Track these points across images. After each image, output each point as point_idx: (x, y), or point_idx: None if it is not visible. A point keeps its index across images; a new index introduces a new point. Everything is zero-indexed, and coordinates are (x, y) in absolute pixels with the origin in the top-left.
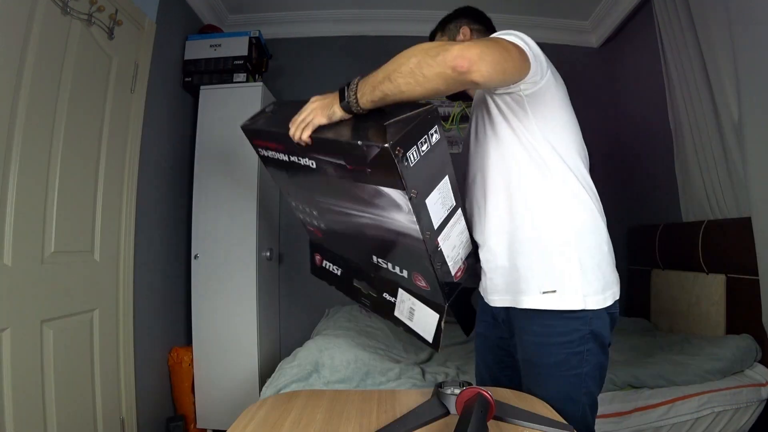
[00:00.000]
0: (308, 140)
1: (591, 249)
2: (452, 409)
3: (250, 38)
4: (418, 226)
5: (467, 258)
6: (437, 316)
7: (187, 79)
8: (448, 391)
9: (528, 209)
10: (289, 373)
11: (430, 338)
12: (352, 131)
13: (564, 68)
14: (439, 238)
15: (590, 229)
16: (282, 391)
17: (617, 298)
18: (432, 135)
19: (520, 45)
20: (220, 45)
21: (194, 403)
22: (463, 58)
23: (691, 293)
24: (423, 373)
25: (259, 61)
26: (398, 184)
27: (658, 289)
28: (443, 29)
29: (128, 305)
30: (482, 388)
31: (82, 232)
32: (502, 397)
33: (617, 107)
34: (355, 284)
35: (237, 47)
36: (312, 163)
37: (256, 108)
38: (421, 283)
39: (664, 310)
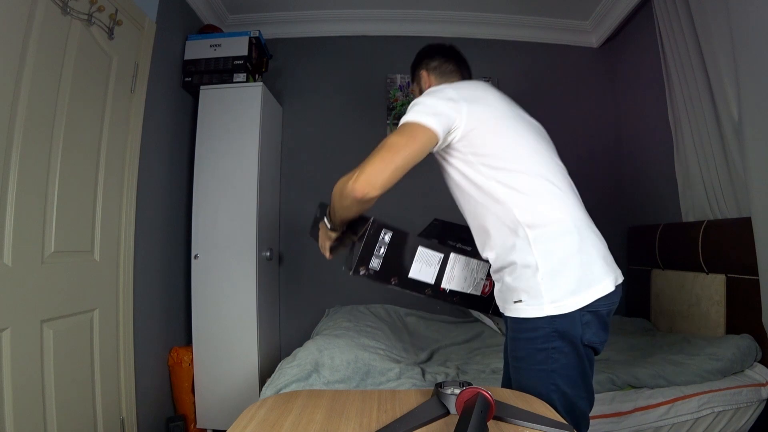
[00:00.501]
0: (330, 257)
1: (550, 260)
2: (452, 409)
3: (250, 38)
4: (416, 294)
5: (488, 277)
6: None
7: (187, 79)
8: (448, 391)
9: (490, 237)
10: (289, 373)
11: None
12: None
13: (564, 68)
14: (442, 286)
15: (548, 241)
16: (282, 391)
17: (591, 300)
18: (383, 238)
19: (415, 122)
20: (220, 45)
21: (194, 403)
22: (357, 189)
23: (691, 293)
24: (423, 373)
25: (259, 61)
26: (383, 282)
27: (658, 289)
28: (413, 78)
29: (128, 305)
30: (482, 388)
31: (82, 232)
32: (502, 397)
33: (617, 107)
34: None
35: (237, 47)
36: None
37: (256, 108)
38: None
39: (664, 310)
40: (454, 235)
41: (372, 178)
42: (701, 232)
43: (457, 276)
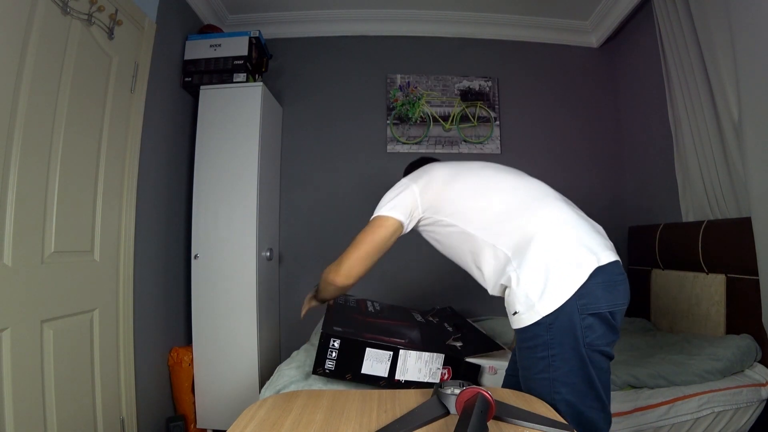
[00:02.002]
0: (303, 317)
1: (531, 270)
2: (452, 409)
3: (250, 38)
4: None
5: (446, 365)
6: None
7: (187, 79)
8: (448, 391)
9: (482, 273)
10: (288, 374)
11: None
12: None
13: (564, 68)
14: (397, 377)
15: (525, 257)
16: (282, 392)
17: (576, 287)
18: (333, 344)
19: (379, 216)
20: (220, 45)
21: (194, 403)
22: (337, 281)
23: (691, 293)
24: None
25: (259, 61)
26: (339, 378)
27: (658, 289)
28: None
29: (128, 305)
30: (482, 388)
31: (82, 232)
32: (502, 397)
33: (617, 107)
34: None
35: (237, 47)
36: None
37: (256, 108)
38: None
39: (664, 310)
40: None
41: (348, 271)
42: (701, 232)
43: (410, 368)
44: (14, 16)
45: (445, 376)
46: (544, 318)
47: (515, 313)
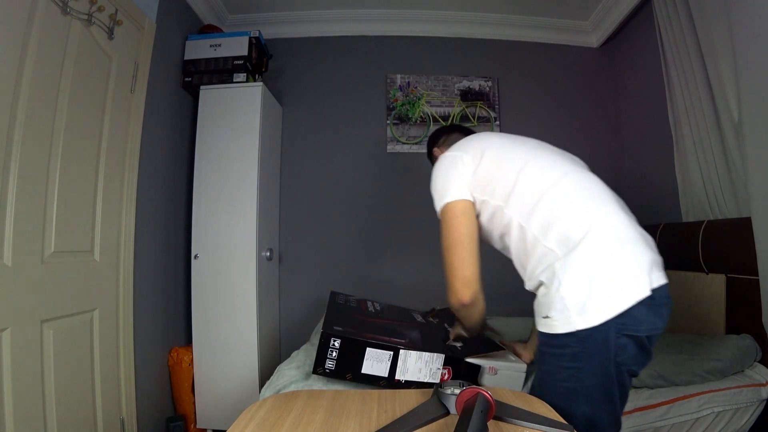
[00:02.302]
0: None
1: (575, 274)
2: (452, 409)
3: (250, 38)
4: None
5: (446, 365)
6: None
7: (187, 79)
8: (448, 391)
9: (524, 267)
10: (288, 374)
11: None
12: None
13: (564, 68)
14: (397, 377)
15: (572, 258)
16: (282, 392)
17: (624, 308)
18: (334, 344)
19: (446, 203)
20: (220, 45)
21: (194, 403)
22: (462, 299)
23: (691, 293)
24: None
25: (259, 61)
26: (339, 378)
27: None
28: (430, 161)
29: (128, 305)
30: (482, 388)
31: (82, 232)
32: (502, 397)
33: (617, 107)
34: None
35: (237, 47)
36: None
37: (256, 108)
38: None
39: None
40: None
41: (463, 281)
42: (701, 232)
43: (411, 368)
44: (14, 16)
45: (446, 377)
46: (578, 331)
47: (546, 317)
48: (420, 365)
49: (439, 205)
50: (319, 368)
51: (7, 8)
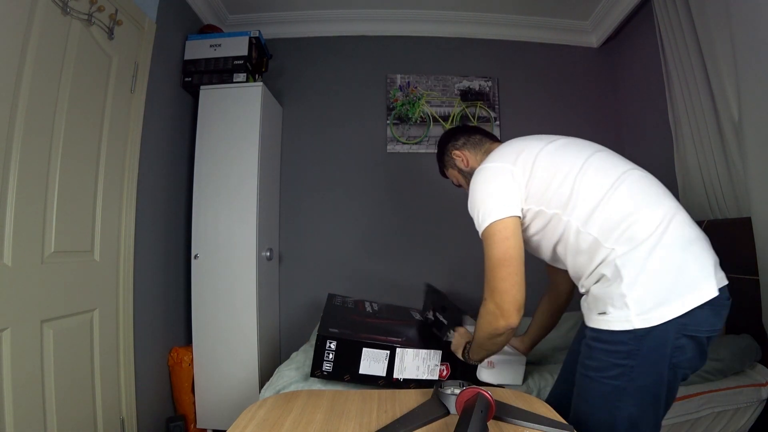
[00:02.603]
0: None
1: (637, 271)
2: (452, 409)
3: (250, 38)
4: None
5: (444, 361)
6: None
7: (187, 79)
8: (448, 391)
9: (581, 268)
10: (287, 375)
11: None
12: None
13: (564, 68)
14: (395, 376)
15: (634, 256)
16: (282, 392)
17: (686, 309)
18: (330, 346)
19: (494, 222)
20: (220, 45)
21: (194, 403)
22: (510, 323)
23: None
24: None
25: (259, 61)
26: (337, 380)
27: None
28: (443, 164)
29: (128, 305)
30: (482, 388)
31: (82, 232)
32: (502, 397)
33: (617, 107)
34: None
35: (237, 47)
36: None
37: (256, 108)
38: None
39: None
40: (438, 304)
41: (513, 305)
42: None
43: (408, 366)
44: (14, 16)
45: (444, 373)
46: (637, 329)
47: (602, 313)
48: (417, 363)
49: (484, 222)
50: (316, 371)
51: (7, 8)
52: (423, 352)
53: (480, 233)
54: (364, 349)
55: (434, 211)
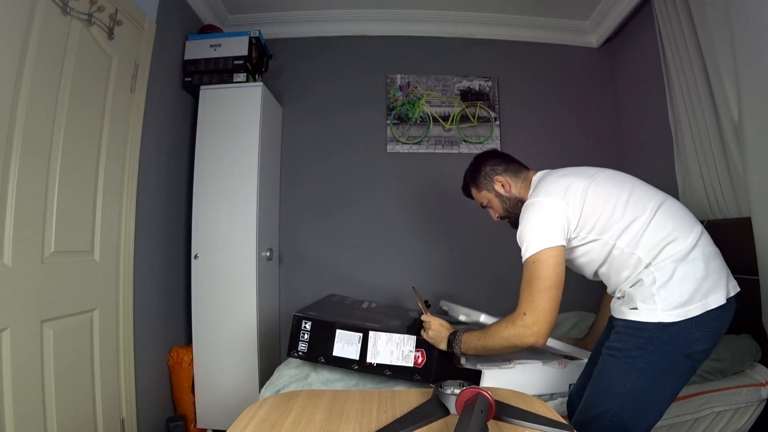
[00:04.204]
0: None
1: (667, 278)
2: (452, 409)
3: (250, 38)
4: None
5: (419, 347)
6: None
7: (187, 79)
8: (448, 391)
9: (620, 281)
10: (286, 374)
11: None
12: None
13: (564, 68)
14: (368, 360)
15: (665, 267)
16: (281, 392)
17: (701, 312)
18: (305, 326)
19: (539, 251)
20: (220, 45)
21: (194, 403)
22: (537, 341)
23: None
24: None
25: (259, 61)
26: (312, 361)
27: None
28: (476, 185)
29: (128, 305)
30: (482, 388)
31: (82, 232)
32: (502, 397)
33: (617, 107)
34: None
35: (237, 47)
36: None
37: (256, 108)
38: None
39: None
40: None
41: (545, 329)
42: None
43: (381, 350)
44: (14, 16)
45: (419, 359)
46: (661, 322)
47: (634, 308)
48: (391, 347)
49: (534, 248)
50: (292, 351)
51: (7, 8)
52: (396, 336)
53: (530, 256)
54: (338, 331)
55: (434, 211)
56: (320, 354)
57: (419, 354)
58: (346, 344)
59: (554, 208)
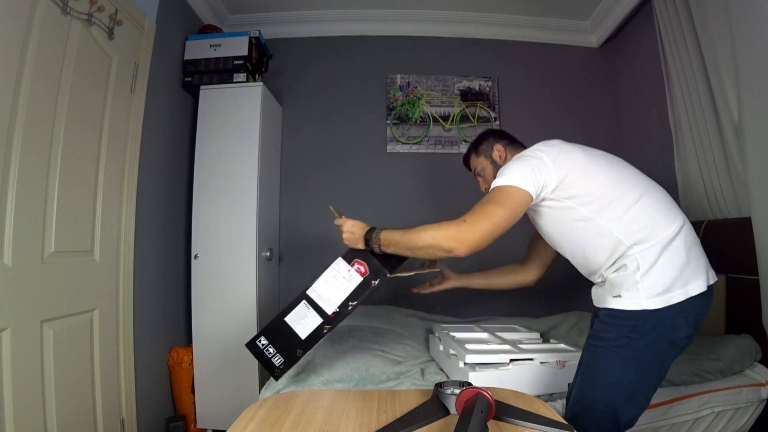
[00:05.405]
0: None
1: (650, 264)
2: (452, 409)
3: (250, 38)
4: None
5: (353, 261)
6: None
7: (187, 79)
8: (448, 391)
9: (599, 263)
10: (287, 375)
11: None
12: None
13: (564, 68)
14: (329, 313)
15: (649, 252)
16: (281, 392)
17: (682, 299)
18: (261, 342)
19: (509, 185)
20: (220, 45)
21: (194, 403)
22: (455, 249)
23: None
24: (423, 373)
25: (259, 61)
26: (296, 361)
27: None
28: (476, 150)
29: (128, 305)
30: (482, 388)
31: (82, 232)
32: (502, 397)
33: (617, 107)
34: None
35: (237, 47)
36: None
37: (256, 108)
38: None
39: None
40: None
41: (475, 244)
42: (701, 232)
43: (329, 294)
44: (14, 16)
45: (362, 270)
46: (644, 309)
47: (618, 296)
48: (334, 284)
49: (506, 181)
50: (275, 371)
51: (7, 8)
52: (327, 272)
53: (498, 185)
54: (286, 319)
55: (434, 210)
56: (293, 349)
57: (358, 266)
58: (302, 320)
59: (540, 164)
